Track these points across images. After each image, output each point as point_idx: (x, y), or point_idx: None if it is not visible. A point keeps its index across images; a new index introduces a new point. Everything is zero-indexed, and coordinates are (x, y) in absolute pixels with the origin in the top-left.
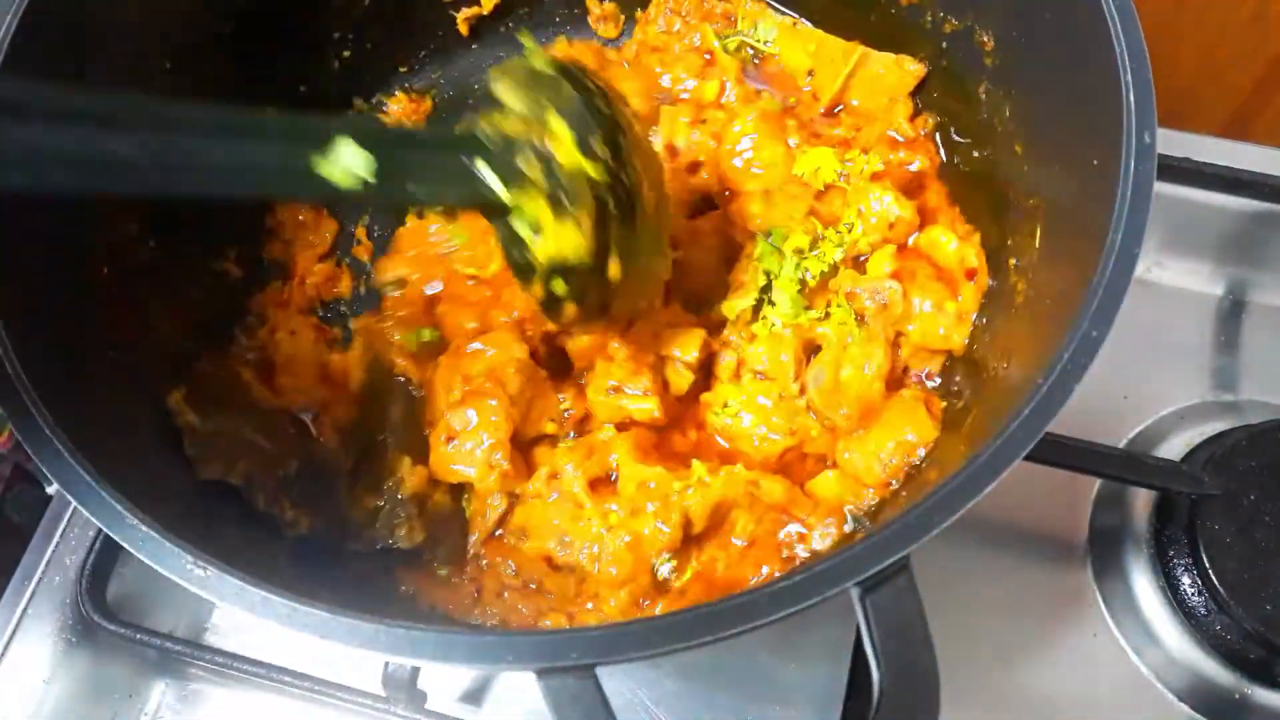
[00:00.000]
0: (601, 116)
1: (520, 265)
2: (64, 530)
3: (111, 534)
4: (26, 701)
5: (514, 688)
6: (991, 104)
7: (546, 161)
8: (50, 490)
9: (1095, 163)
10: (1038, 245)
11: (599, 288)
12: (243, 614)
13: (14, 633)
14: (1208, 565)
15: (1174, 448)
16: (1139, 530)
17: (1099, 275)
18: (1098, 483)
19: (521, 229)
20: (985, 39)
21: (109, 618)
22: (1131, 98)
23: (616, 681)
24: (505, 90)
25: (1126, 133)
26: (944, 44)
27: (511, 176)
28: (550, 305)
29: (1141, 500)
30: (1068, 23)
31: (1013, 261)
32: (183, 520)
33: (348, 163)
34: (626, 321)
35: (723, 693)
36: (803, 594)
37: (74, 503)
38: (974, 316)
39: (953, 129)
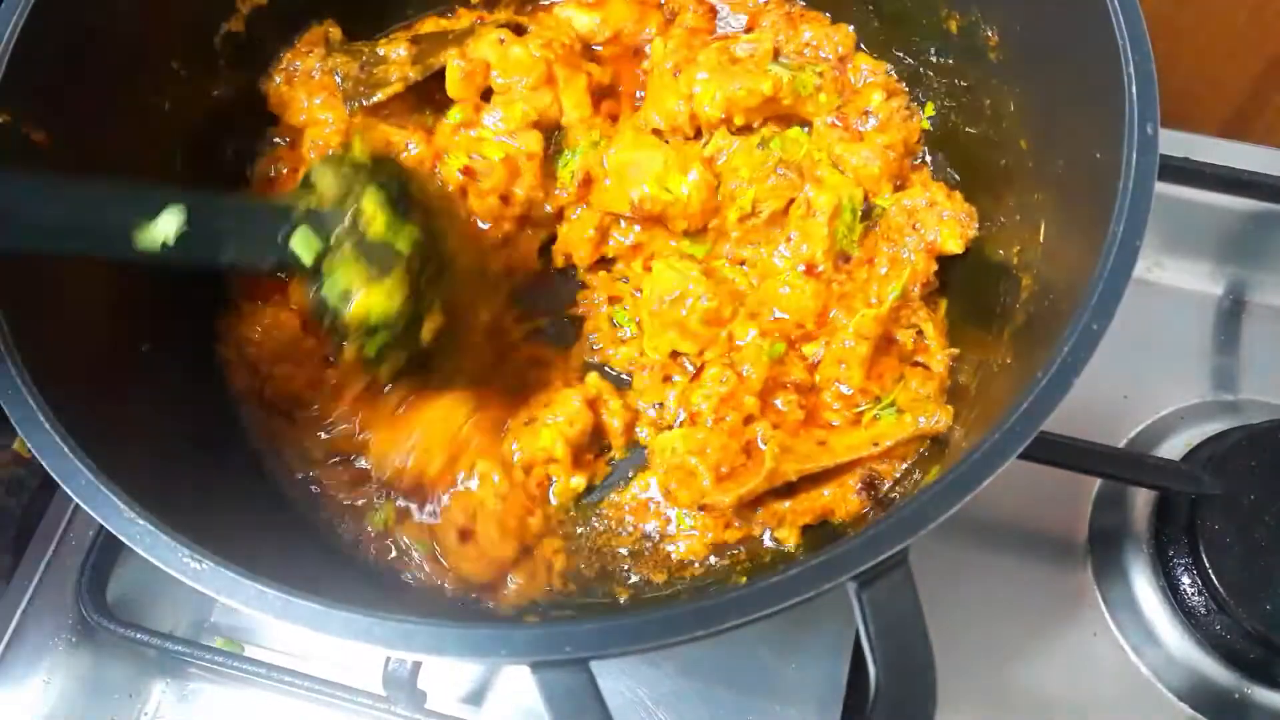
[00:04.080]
0: (411, 196)
1: (332, 329)
2: (64, 530)
3: (109, 527)
4: (26, 701)
5: (514, 687)
6: (997, 98)
7: (356, 231)
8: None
9: (1098, 155)
10: (1042, 240)
11: (410, 348)
12: (242, 613)
13: (14, 633)
14: (1208, 565)
15: (1174, 448)
16: (1139, 530)
17: (1100, 268)
18: (1098, 483)
19: (331, 295)
20: (990, 34)
21: (109, 618)
22: (1134, 90)
23: (616, 680)
24: (322, 173)
25: (1129, 125)
26: (949, 39)
27: (323, 245)
28: (367, 365)
29: (1141, 500)
30: (1071, 16)
31: (1017, 257)
32: (182, 515)
33: (165, 229)
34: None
35: (723, 691)
36: (798, 588)
37: (74, 498)
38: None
39: (959, 124)
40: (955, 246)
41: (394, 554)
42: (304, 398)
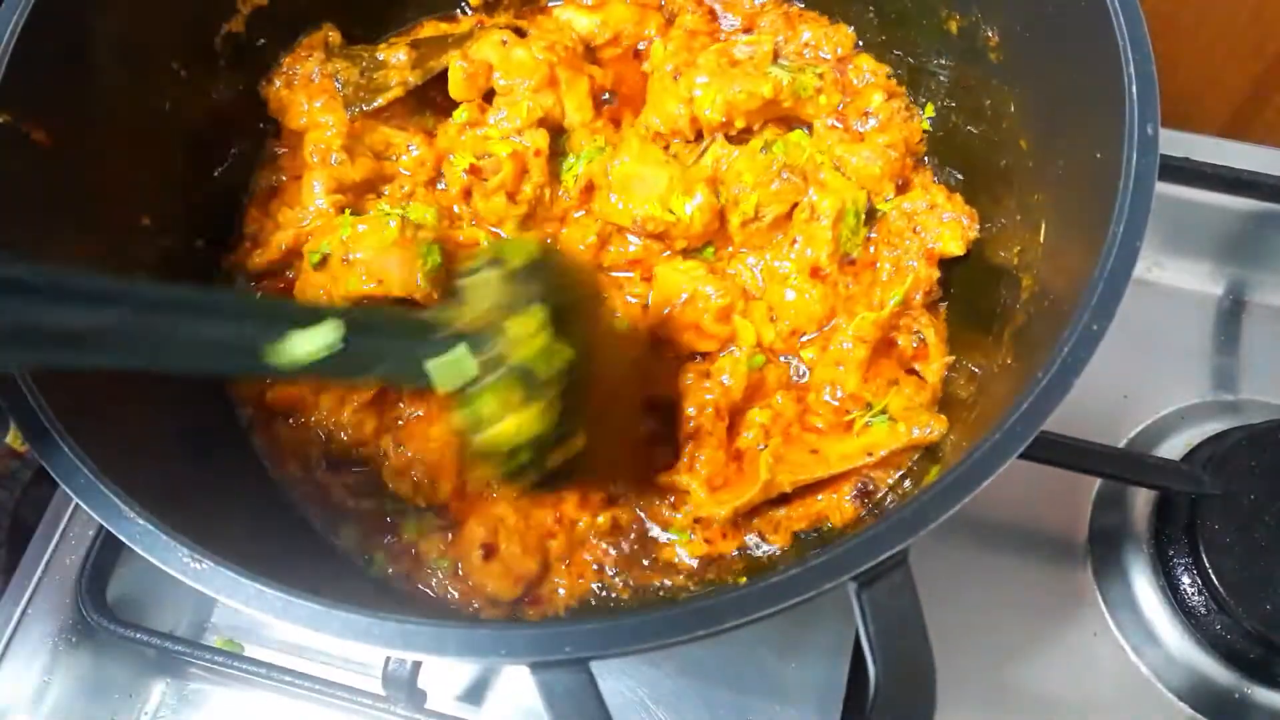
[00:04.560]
0: (566, 308)
1: (475, 448)
2: (64, 530)
3: (109, 527)
4: (26, 701)
5: (514, 687)
6: (997, 99)
7: (508, 355)
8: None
9: (1099, 156)
10: (1042, 241)
11: (547, 466)
12: (242, 613)
13: (14, 633)
14: (1208, 565)
15: (1174, 448)
16: (1139, 530)
17: (1100, 269)
18: (1098, 483)
19: (477, 418)
20: (990, 34)
21: (109, 618)
22: (1134, 90)
23: (616, 680)
24: (473, 285)
25: (1129, 125)
26: (949, 40)
27: (473, 370)
28: (512, 476)
29: (1141, 500)
30: (1071, 16)
31: (1018, 258)
32: (181, 514)
33: (299, 352)
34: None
35: (723, 691)
36: (799, 588)
37: (74, 498)
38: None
39: (959, 124)
40: (956, 248)
41: (416, 568)
42: (307, 402)
